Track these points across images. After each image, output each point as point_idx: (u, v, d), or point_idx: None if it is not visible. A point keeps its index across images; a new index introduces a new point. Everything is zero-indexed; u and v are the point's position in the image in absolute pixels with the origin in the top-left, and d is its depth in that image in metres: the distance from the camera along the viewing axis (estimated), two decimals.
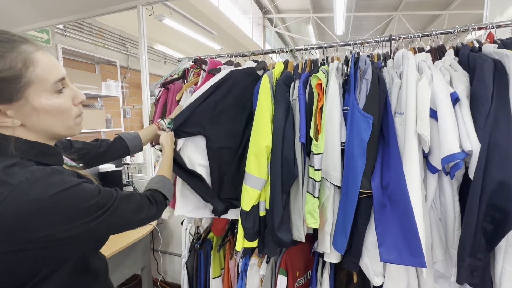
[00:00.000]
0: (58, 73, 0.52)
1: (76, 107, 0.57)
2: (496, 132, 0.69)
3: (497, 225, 0.68)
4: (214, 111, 0.95)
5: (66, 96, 0.54)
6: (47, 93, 0.50)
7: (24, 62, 0.46)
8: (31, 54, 0.48)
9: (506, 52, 0.75)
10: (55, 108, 0.52)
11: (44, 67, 0.49)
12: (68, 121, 0.55)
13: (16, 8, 1.94)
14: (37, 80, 0.48)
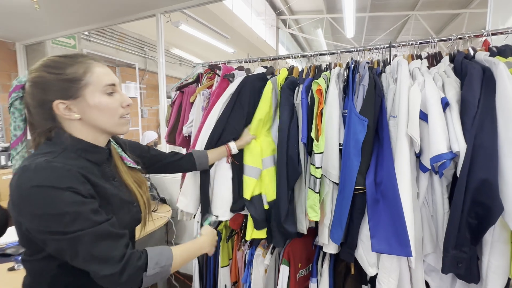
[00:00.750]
0: (109, 80, 0.64)
1: (123, 109, 0.67)
2: (481, 135, 0.74)
3: (480, 220, 0.74)
4: (243, 115, 1.05)
5: (115, 98, 0.65)
6: (100, 94, 0.63)
7: (84, 69, 0.61)
8: (90, 65, 0.62)
9: (494, 60, 0.80)
10: (104, 105, 0.63)
11: (98, 74, 0.63)
12: (114, 118, 0.66)
13: (49, 18, 2.13)
14: (93, 83, 0.62)
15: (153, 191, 2.00)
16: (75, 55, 0.63)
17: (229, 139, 1.03)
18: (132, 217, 0.71)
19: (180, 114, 1.32)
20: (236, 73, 1.18)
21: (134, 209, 0.72)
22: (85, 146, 0.64)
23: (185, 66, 5.23)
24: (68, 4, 1.90)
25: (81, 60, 0.62)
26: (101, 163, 0.68)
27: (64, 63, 0.61)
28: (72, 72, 0.60)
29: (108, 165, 0.71)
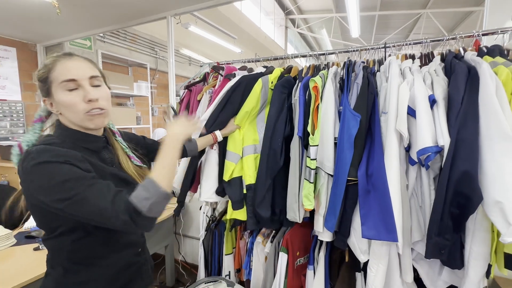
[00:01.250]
0: (67, 75, 0.64)
1: (86, 104, 0.66)
2: (464, 130, 0.80)
3: (461, 209, 0.79)
4: (233, 111, 1.16)
5: (76, 94, 0.65)
6: (61, 91, 0.65)
7: (49, 68, 0.65)
8: (54, 63, 0.66)
9: (479, 59, 0.85)
10: (64, 102, 0.65)
11: (58, 71, 0.65)
12: (78, 114, 0.66)
13: (68, 21, 2.28)
14: (54, 80, 0.65)
15: None
16: (54, 56, 0.67)
17: (219, 127, 1.15)
18: None
19: (188, 111, 1.41)
20: (237, 73, 1.26)
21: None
22: (81, 136, 0.69)
23: (194, 65, 5.35)
24: (86, 9, 2.03)
25: (50, 59, 0.66)
26: (99, 151, 0.73)
27: (42, 65, 0.68)
28: (42, 72, 0.66)
29: (107, 152, 0.76)
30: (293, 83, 1.15)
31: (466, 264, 0.85)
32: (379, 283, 0.95)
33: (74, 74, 0.65)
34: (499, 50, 0.94)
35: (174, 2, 1.92)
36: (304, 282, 1.31)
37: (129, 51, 3.91)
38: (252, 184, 1.11)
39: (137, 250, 0.79)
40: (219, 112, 1.13)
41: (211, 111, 1.14)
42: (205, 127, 1.14)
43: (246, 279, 1.48)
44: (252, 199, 1.10)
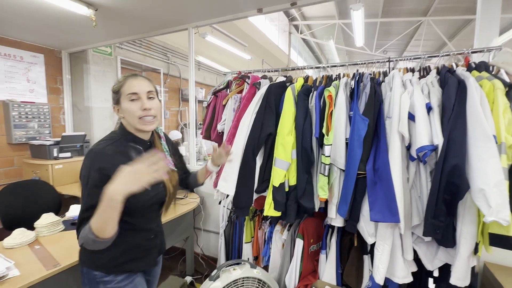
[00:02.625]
0: (130, 90, 0.87)
1: (142, 111, 0.86)
2: (454, 132, 0.98)
3: (452, 196, 0.97)
4: (273, 115, 1.31)
5: (135, 104, 0.87)
6: (126, 100, 0.88)
7: (121, 84, 0.89)
8: (125, 80, 0.89)
9: (467, 74, 1.04)
10: (126, 108, 0.87)
11: (127, 86, 0.88)
12: (134, 119, 0.87)
13: (96, 31, 2.48)
14: (123, 93, 0.88)
15: None
16: (125, 76, 0.91)
17: (267, 133, 1.29)
18: (157, 193, 0.94)
19: (214, 115, 1.60)
20: (261, 82, 1.45)
21: (160, 188, 0.95)
22: (131, 137, 0.92)
23: (203, 70, 5.57)
24: (115, 20, 2.23)
25: (122, 78, 0.90)
26: (141, 151, 0.92)
27: (117, 81, 0.91)
28: (116, 86, 0.90)
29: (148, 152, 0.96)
30: (311, 90, 1.34)
31: (457, 243, 1.02)
32: (385, 261, 1.12)
33: (136, 89, 0.87)
34: (484, 66, 1.12)
35: (196, 15, 2.13)
36: (317, 267, 1.49)
37: (143, 57, 4.13)
38: (294, 185, 1.27)
39: (149, 236, 0.98)
40: (262, 117, 1.29)
41: (250, 116, 1.31)
42: (254, 131, 1.29)
43: (264, 266, 1.65)
44: (295, 194, 1.26)
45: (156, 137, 1.02)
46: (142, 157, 0.84)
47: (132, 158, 0.87)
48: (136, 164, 0.72)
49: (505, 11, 5.24)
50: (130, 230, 0.92)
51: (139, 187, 0.71)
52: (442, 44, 7.83)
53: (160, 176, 0.74)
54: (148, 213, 0.97)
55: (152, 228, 1.00)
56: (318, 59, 11.39)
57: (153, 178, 0.72)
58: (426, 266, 1.16)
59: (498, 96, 0.97)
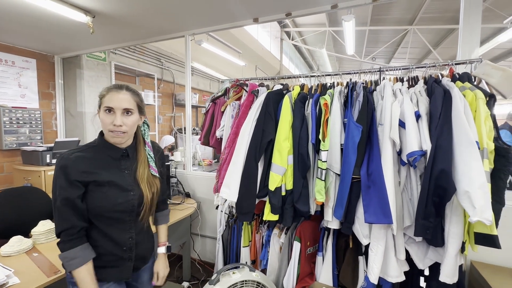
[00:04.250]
0: (107, 103, 0.90)
1: (113, 126, 0.90)
2: (441, 138, 1.05)
3: (440, 198, 1.04)
4: (273, 122, 1.36)
5: (109, 117, 0.90)
6: (102, 111, 0.91)
7: (103, 94, 0.93)
8: (109, 91, 0.92)
9: (451, 84, 1.12)
10: (101, 119, 0.92)
11: (106, 98, 0.91)
12: (105, 130, 0.93)
13: (92, 36, 2.48)
14: (103, 102, 0.92)
15: (179, 186, 2.31)
16: (111, 87, 0.95)
17: (268, 139, 1.33)
18: (126, 201, 0.94)
19: (213, 121, 1.64)
20: (259, 89, 1.50)
21: (130, 196, 0.95)
22: (107, 145, 0.96)
23: (196, 76, 5.61)
24: (112, 27, 2.25)
25: (107, 88, 0.93)
26: (117, 158, 0.96)
27: (104, 89, 0.94)
28: (101, 94, 0.93)
29: (126, 161, 0.98)
30: (307, 98, 1.40)
31: (446, 242, 1.08)
32: (378, 261, 1.18)
33: (113, 104, 0.90)
34: (467, 76, 1.21)
35: (193, 23, 2.18)
36: (314, 269, 1.53)
37: (137, 62, 4.13)
38: (291, 189, 1.31)
39: (121, 248, 0.96)
40: (262, 124, 1.34)
41: (251, 123, 1.35)
42: (255, 138, 1.34)
43: (261, 269, 1.68)
44: (291, 198, 1.31)
45: (141, 142, 1.03)
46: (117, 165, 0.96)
47: (102, 166, 0.92)
48: None
49: (484, 21, 5.50)
50: (102, 236, 0.93)
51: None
52: (428, 52, 8.15)
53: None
54: (119, 222, 0.95)
55: (125, 240, 0.97)
56: (309, 65, 11.61)
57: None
58: (417, 265, 1.22)
59: (480, 105, 1.05)
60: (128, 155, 0.99)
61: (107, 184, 0.91)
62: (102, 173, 0.91)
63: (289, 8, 1.84)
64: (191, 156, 2.45)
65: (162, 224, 1.19)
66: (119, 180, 0.94)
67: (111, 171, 0.94)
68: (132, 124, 0.94)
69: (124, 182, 0.95)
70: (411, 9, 6.11)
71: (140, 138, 1.03)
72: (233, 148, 1.42)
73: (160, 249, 1.16)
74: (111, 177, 0.93)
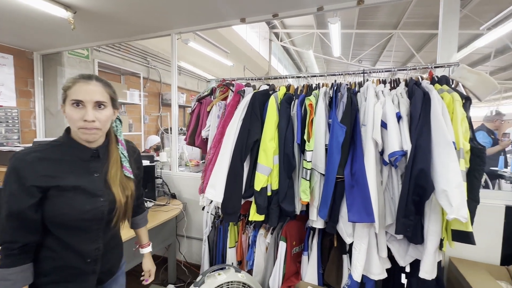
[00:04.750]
0: (76, 96, 0.77)
1: (83, 122, 0.77)
2: (420, 138, 1.08)
3: (420, 197, 1.07)
4: (258, 122, 1.35)
5: (77, 112, 0.77)
6: (69, 105, 0.78)
7: (69, 86, 0.79)
8: (74, 81, 0.79)
9: (430, 87, 1.16)
10: (68, 115, 0.78)
11: (73, 90, 0.78)
12: (73, 127, 0.79)
13: (73, 33, 2.39)
14: (69, 95, 0.78)
15: (164, 188, 2.27)
16: (77, 77, 0.81)
17: (254, 139, 1.33)
18: (95, 208, 0.82)
19: (198, 121, 1.62)
20: (246, 90, 1.50)
21: (100, 202, 0.83)
22: (72, 143, 0.82)
23: (184, 75, 5.53)
24: (95, 24, 2.18)
25: (73, 78, 0.80)
26: (85, 160, 0.83)
27: (68, 80, 0.81)
28: (65, 85, 0.80)
29: (97, 162, 0.85)
30: (293, 99, 1.41)
31: (425, 240, 1.12)
32: (362, 259, 1.20)
33: (82, 96, 0.77)
34: (445, 79, 1.26)
35: (180, 22, 2.14)
36: (299, 268, 1.54)
37: (122, 60, 4.03)
38: (277, 189, 1.32)
39: (84, 259, 0.84)
40: (248, 124, 1.33)
41: (237, 123, 1.34)
42: (241, 138, 1.32)
43: (248, 270, 1.68)
44: (277, 198, 1.31)
45: (113, 140, 0.91)
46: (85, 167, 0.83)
47: (67, 169, 0.80)
48: None
49: (462, 28, 5.74)
50: (62, 247, 0.82)
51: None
52: (411, 56, 8.43)
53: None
54: (85, 232, 0.84)
55: (90, 251, 0.85)
56: (298, 66, 11.73)
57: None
58: (398, 262, 1.26)
59: (457, 107, 1.10)
60: (99, 156, 0.86)
61: (73, 189, 0.79)
62: (67, 177, 0.79)
63: (276, 9, 1.85)
64: (177, 156, 2.41)
65: (141, 227, 1.13)
66: (87, 184, 0.82)
67: (79, 174, 0.81)
68: (106, 119, 0.82)
69: (93, 186, 0.83)
70: (395, 13, 6.29)
71: (112, 136, 0.91)
72: (218, 148, 1.41)
73: (145, 249, 1.13)
74: (78, 181, 0.80)
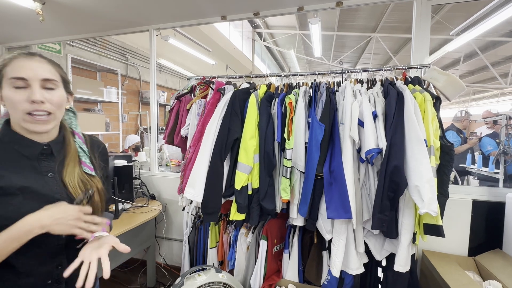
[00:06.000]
0: (17, 73, 0.61)
1: (30, 104, 0.61)
2: (394, 136, 1.12)
3: (394, 192, 1.11)
4: (238, 120, 1.34)
5: (22, 93, 0.61)
6: (8, 87, 0.62)
7: (5, 63, 0.64)
8: (12, 59, 0.63)
9: (403, 87, 1.21)
10: (8, 98, 0.62)
11: (11, 67, 0.62)
12: (18, 113, 0.62)
13: (43, 26, 2.25)
14: (5, 74, 0.63)
15: (143, 188, 2.20)
16: (15, 53, 0.65)
17: (234, 137, 1.31)
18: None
19: (177, 119, 1.57)
20: (226, 88, 1.48)
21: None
22: (15, 138, 0.66)
23: (165, 73, 5.40)
24: (66, 16, 2.06)
25: (10, 55, 0.64)
26: (33, 158, 0.67)
27: (2, 59, 0.65)
28: (0, 64, 0.63)
29: (49, 161, 0.70)
30: (273, 97, 1.41)
31: (399, 234, 1.16)
32: (340, 254, 1.23)
33: (25, 73, 0.62)
34: (418, 80, 1.31)
35: (158, 17, 2.08)
36: (280, 266, 1.55)
37: (98, 56, 3.85)
38: (257, 188, 1.31)
39: (44, 282, 0.68)
40: (228, 122, 1.31)
41: (216, 122, 1.32)
42: (221, 137, 1.29)
43: (229, 270, 1.66)
44: (257, 196, 1.30)
45: (67, 133, 0.75)
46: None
47: (9, 167, 0.64)
48: (73, 207, 0.64)
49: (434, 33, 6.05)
50: (10, 271, 0.63)
51: (64, 232, 0.61)
52: (389, 59, 8.77)
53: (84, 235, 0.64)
54: (41, 246, 0.65)
55: (50, 270, 0.68)
56: (281, 66, 11.84)
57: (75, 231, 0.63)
58: (375, 256, 1.30)
59: (428, 107, 1.15)
60: (52, 153, 0.70)
61: (20, 192, 0.62)
62: (9, 176, 0.62)
63: (257, 7, 1.85)
64: (156, 156, 2.34)
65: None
66: (39, 187, 0.65)
67: (24, 174, 0.65)
68: (59, 101, 0.67)
69: (47, 189, 0.66)
70: (374, 17, 6.52)
71: (66, 129, 0.76)
72: (198, 147, 1.38)
73: (104, 233, 0.71)
74: (25, 181, 0.64)
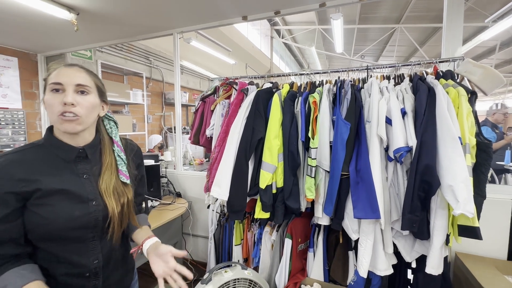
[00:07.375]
0: (56, 79, 0.68)
1: (62, 106, 0.67)
2: (425, 134, 1.08)
3: (425, 192, 1.07)
4: (262, 120, 1.36)
5: (56, 96, 0.68)
6: (48, 91, 0.69)
7: (49, 72, 0.71)
8: (56, 69, 0.70)
9: (435, 82, 1.15)
10: (47, 101, 0.68)
11: (53, 75, 0.69)
12: (53, 116, 0.68)
13: (76, 34, 2.41)
14: (48, 82, 0.70)
15: (169, 186, 2.29)
16: (59, 65, 0.73)
17: (258, 137, 1.33)
18: (86, 214, 0.72)
19: (203, 120, 1.62)
20: (249, 88, 1.50)
21: (92, 207, 0.73)
22: (55, 142, 0.72)
23: (186, 74, 5.54)
24: (98, 25, 2.19)
25: (55, 66, 0.72)
26: (70, 161, 0.73)
27: (49, 68, 0.74)
28: (46, 74, 0.72)
29: (85, 163, 0.75)
30: (296, 96, 1.41)
31: (431, 235, 1.12)
32: (368, 255, 1.21)
33: (62, 79, 0.68)
34: (450, 74, 1.25)
35: (181, 21, 2.15)
36: (305, 265, 1.55)
37: (124, 60, 4.04)
38: (281, 187, 1.32)
39: (83, 274, 0.74)
40: (252, 122, 1.34)
41: (241, 122, 1.35)
42: (245, 137, 1.32)
43: (254, 267, 1.69)
44: (282, 195, 1.31)
45: (106, 141, 0.80)
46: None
47: (48, 170, 0.69)
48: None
49: (467, 20, 5.66)
50: (53, 262, 0.71)
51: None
52: (414, 50, 8.33)
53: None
54: (78, 241, 0.73)
55: (87, 263, 0.74)
56: (300, 63, 11.68)
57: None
58: (405, 258, 1.26)
59: (462, 102, 1.09)
60: (87, 156, 0.76)
61: (58, 193, 0.69)
62: (48, 179, 0.68)
63: (278, 6, 1.85)
64: (181, 155, 2.43)
65: (144, 225, 0.90)
66: (75, 188, 0.71)
67: (63, 176, 0.71)
68: (89, 106, 0.72)
69: (82, 190, 0.72)
70: (397, 7, 6.22)
71: (104, 136, 0.81)
72: (223, 147, 1.41)
73: (153, 239, 0.83)
74: (63, 184, 0.70)
